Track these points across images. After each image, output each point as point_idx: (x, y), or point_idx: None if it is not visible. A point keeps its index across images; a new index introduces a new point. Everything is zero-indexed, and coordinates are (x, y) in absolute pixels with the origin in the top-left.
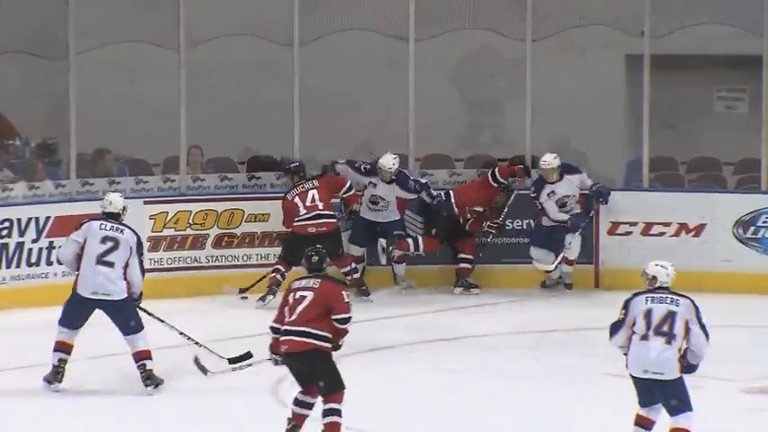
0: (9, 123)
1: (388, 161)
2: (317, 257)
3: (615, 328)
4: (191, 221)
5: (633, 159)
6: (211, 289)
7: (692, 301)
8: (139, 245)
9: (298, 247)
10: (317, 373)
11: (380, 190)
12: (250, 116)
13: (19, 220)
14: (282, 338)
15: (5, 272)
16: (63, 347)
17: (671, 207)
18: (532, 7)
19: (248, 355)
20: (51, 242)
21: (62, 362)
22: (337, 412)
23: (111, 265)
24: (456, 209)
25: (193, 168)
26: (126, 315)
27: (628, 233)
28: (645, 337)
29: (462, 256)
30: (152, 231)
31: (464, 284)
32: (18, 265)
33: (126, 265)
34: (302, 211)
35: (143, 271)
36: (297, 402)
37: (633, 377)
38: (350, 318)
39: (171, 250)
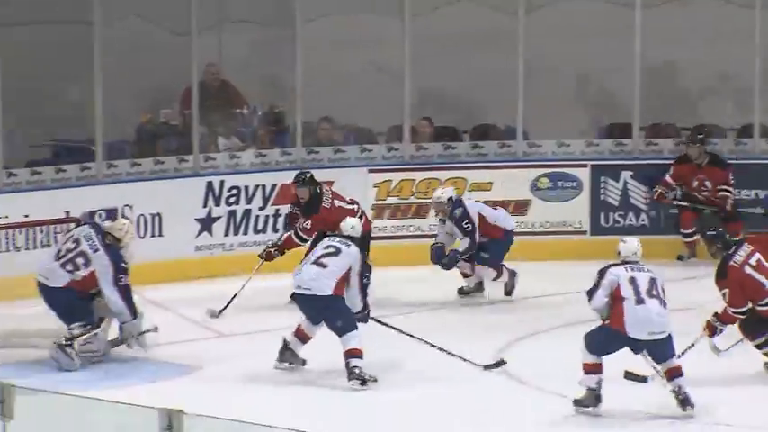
0: (237, 92)
1: (436, 193)
2: None
3: (591, 292)
4: (414, 190)
5: None
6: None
7: None
8: (363, 266)
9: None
10: None
11: (448, 226)
12: (474, 85)
13: (246, 187)
14: None
15: (233, 238)
16: (297, 333)
17: None
18: None
19: (502, 362)
20: (277, 210)
21: (287, 343)
22: None
23: (323, 266)
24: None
25: (421, 139)
26: (333, 314)
27: None
28: (641, 301)
29: None
30: (376, 200)
31: None
32: (245, 233)
33: (344, 278)
34: (356, 208)
35: (364, 294)
36: None
37: (632, 338)
38: None
39: (394, 219)
